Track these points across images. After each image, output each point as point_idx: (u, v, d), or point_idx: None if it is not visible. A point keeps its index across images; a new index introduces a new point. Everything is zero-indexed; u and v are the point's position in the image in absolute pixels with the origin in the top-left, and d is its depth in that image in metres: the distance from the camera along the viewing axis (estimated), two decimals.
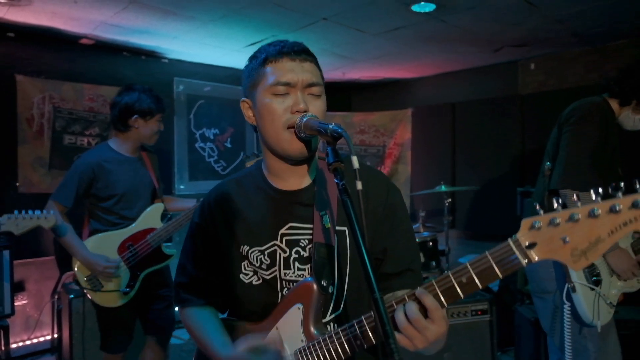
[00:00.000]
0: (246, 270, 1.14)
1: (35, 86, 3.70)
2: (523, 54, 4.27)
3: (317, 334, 1.03)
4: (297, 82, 1.03)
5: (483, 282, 0.82)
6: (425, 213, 3.65)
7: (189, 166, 4.57)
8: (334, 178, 0.91)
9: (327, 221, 1.08)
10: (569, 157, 2.01)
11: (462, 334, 2.70)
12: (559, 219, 0.75)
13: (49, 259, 3.66)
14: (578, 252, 0.73)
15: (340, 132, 0.91)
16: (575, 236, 0.74)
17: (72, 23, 3.44)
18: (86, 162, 2.32)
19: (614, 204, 0.70)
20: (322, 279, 1.05)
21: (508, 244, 0.80)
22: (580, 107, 2.09)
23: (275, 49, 1.06)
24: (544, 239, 0.76)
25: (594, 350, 1.97)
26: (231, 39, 3.83)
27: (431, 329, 0.84)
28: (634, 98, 2.06)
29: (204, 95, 4.66)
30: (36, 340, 3.59)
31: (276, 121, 1.03)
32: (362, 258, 0.83)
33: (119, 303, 2.32)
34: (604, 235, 0.72)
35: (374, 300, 0.79)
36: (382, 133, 5.33)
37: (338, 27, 3.47)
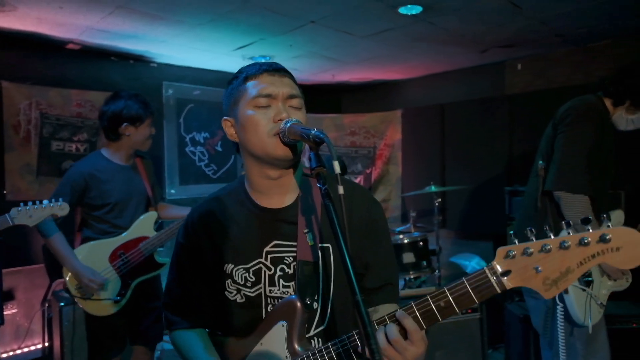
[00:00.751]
0: (230, 288, 1.15)
1: (22, 92, 3.66)
2: (510, 54, 4.32)
3: (301, 350, 1.05)
4: (278, 94, 1.07)
5: (460, 307, 0.86)
6: (415, 213, 3.69)
7: (179, 170, 4.55)
8: (317, 182, 0.93)
9: (311, 238, 1.10)
10: (565, 158, 1.98)
11: (453, 332, 2.73)
12: (532, 249, 0.79)
13: (38, 266, 3.62)
14: (549, 281, 0.78)
15: (322, 138, 0.92)
16: (547, 266, 0.78)
17: (58, 28, 3.42)
18: (78, 172, 2.31)
19: (583, 237, 0.76)
20: (306, 297, 1.08)
21: (484, 272, 0.84)
22: (577, 107, 2.06)
23: (254, 68, 1.11)
24: (518, 268, 0.81)
25: (582, 348, 1.98)
26: (220, 43, 3.82)
27: (410, 350, 0.87)
28: (629, 98, 2.04)
29: (194, 99, 4.65)
30: (27, 349, 3.54)
31: (260, 131, 1.06)
32: (344, 260, 0.85)
33: (110, 312, 2.30)
34: (573, 266, 0.77)
35: (355, 303, 0.82)
36: (373, 134, 5.36)
37: (326, 30, 3.49)
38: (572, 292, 1.90)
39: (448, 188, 4.08)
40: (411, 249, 3.25)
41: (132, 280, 2.36)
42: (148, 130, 2.40)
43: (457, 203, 4.71)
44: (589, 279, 1.94)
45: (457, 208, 4.73)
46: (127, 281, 2.35)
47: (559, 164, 1.99)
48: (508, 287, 0.81)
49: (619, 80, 2.05)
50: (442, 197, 4.54)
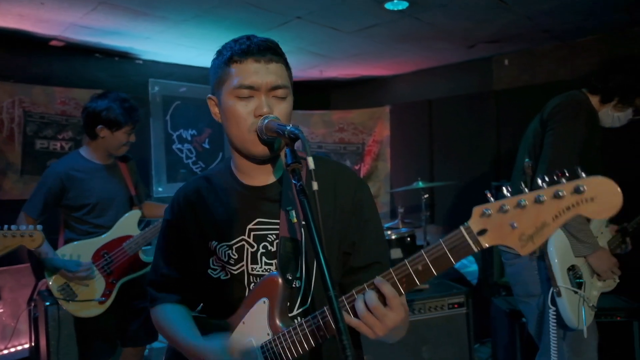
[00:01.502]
0: (214, 266, 1.15)
1: (4, 90, 3.60)
2: (497, 50, 4.34)
3: (282, 327, 1.05)
4: (260, 85, 1.03)
5: (438, 269, 0.86)
6: (404, 209, 3.69)
7: (166, 168, 4.52)
8: (292, 179, 0.93)
9: (293, 216, 1.09)
10: (555, 156, 1.95)
11: (439, 327, 2.75)
12: (507, 205, 0.78)
13: (24, 266, 3.58)
14: (525, 237, 0.77)
15: (297, 134, 0.93)
16: (523, 222, 0.77)
17: (41, 25, 3.37)
18: (54, 172, 2.27)
19: (558, 190, 0.74)
20: (288, 273, 1.07)
21: (460, 232, 0.83)
22: (567, 104, 2.02)
23: (240, 48, 1.04)
24: (494, 226, 0.80)
25: (567, 350, 1.96)
26: (205, 39, 3.79)
27: (390, 316, 0.88)
28: (617, 96, 2.01)
29: (180, 96, 4.61)
30: (13, 349, 3.51)
31: (241, 124, 1.05)
32: (317, 256, 0.85)
33: (95, 313, 2.28)
34: (549, 220, 0.75)
35: (328, 298, 0.82)
36: (361, 130, 5.36)
37: (312, 25, 3.47)
38: (565, 295, 1.86)
39: (436, 184, 4.10)
40: (399, 244, 3.26)
41: (117, 280, 2.33)
42: (125, 137, 2.33)
43: (444, 199, 4.73)
44: (580, 281, 1.92)
45: (444, 204, 4.75)
46: (111, 281, 2.32)
47: (549, 161, 1.95)
48: (485, 245, 0.80)
49: (607, 77, 2.01)
50: (430, 193, 4.56)
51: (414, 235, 3.37)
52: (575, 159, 1.92)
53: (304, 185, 0.91)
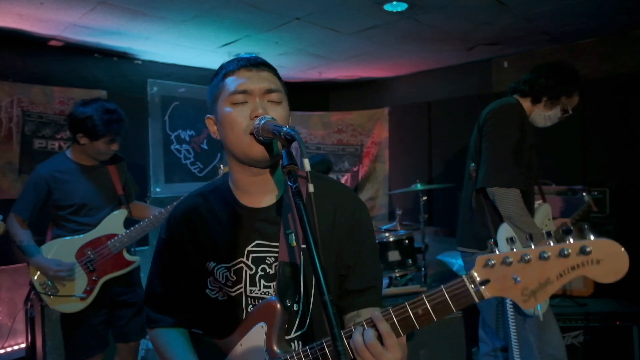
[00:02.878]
0: (212, 286, 1.15)
1: (3, 90, 3.59)
2: (496, 52, 4.34)
3: (280, 352, 1.04)
4: (254, 89, 1.05)
5: (438, 315, 0.85)
6: (402, 211, 3.69)
7: (164, 169, 4.51)
8: (288, 181, 0.92)
9: (292, 239, 1.08)
10: (493, 156, 2.12)
11: (437, 331, 2.74)
12: (511, 258, 0.77)
13: (20, 266, 3.56)
14: (528, 292, 0.76)
15: (293, 135, 0.92)
16: (527, 276, 0.76)
17: (40, 25, 3.36)
18: (39, 175, 2.31)
19: (563, 249, 0.73)
20: (287, 298, 1.07)
21: (462, 280, 0.83)
22: (499, 110, 2.21)
23: (233, 64, 1.09)
24: (496, 277, 0.79)
25: (534, 340, 2.04)
26: (204, 40, 3.79)
27: (386, 356, 0.85)
28: (544, 96, 2.20)
29: (179, 97, 4.60)
30: (10, 349, 3.50)
31: (236, 128, 1.05)
32: (312, 259, 0.84)
33: (75, 308, 2.30)
34: (553, 277, 0.75)
35: (323, 303, 0.81)
36: (360, 132, 5.35)
37: (312, 26, 3.47)
38: None
39: (434, 186, 4.09)
40: (397, 247, 3.25)
41: (100, 277, 2.36)
42: (104, 147, 2.33)
43: (443, 201, 4.72)
44: None
45: (443, 206, 4.74)
46: (94, 278, 2.34)
47: (488, 162, 2.12)
48: (486, 296, 0.80)
49: (534, 80, 2.22)
50: (429, 195, 4.55)
51: (412, 237, 3.36)
52: (510, 158, 2.07)
53: (299, 187, 0.90)
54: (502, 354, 2.31)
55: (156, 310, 1.23)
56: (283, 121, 1.07)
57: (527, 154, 2.16)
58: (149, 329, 1.25)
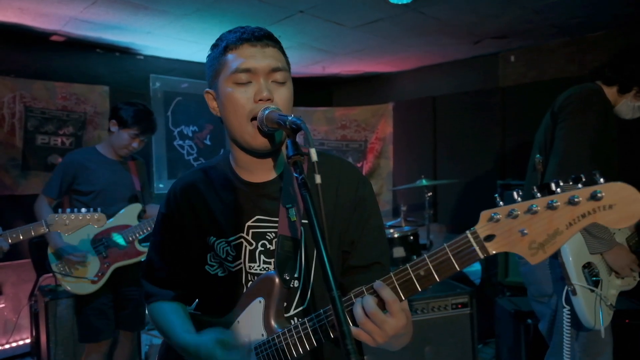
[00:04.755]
0: (212, 262, 1.12)
1: (5, 85, 3.59)
2: (503, 45, 4.27)
3: (277, 328, 1.01)
4: (258, 69, 0.99)
5: (441, 275, 0.80)
6: (406, 207, 3.64)
7: (167, 165, 4.50)
8: (293, 172, 0.88)
9: (293, 214, 1.05)
10: (568, 149, 1.84)
11: (443, 328, 2.70)
12: (517, 210, 0.72)
13: (25, 261, 3.59)
14: (536, 245, 0.72)
15: (299, 124, 0.88)
16: (534, 228, 0.71)
17: (41, 19, 3.34)
18: (70, 160, 2.54)
19: (573, 196, 0.68)
20: (285, 273, 1.03)
21: (466, 236, 0.78)
22: (579, 94, 1.92)
23: (235, 36, 1.02)
24: (502, 231, 0.74)
25: (579, 350, 1.88)
26: (207, 34, 3.75)
27: (390, 323, 0.82)
28: (635, 84, 1.92)
29: (181, 92, 4.58)
30: (15, 343, 3.53)
31: (239, 112, 1.00)
32: (319, 255, 0.80)
33: (87, 290, 2.45)
34: (562, 227, 0.70)
35: (331, 299, 0.78)
36: (364, 128, 5.30)
37: (315, 20, 3.42)
38: (581, 294, 1.76)
39: (439, 182, 4.04)
40: (402, 243, 3.21)
41: (111, 264, 2.51)
42: (127, 138, 2.53)
43: (448, 197, 4.68)
44: (597, 279, 1.80)
45: (448, 202, 4.69)
46: (106, 263, 2.49)
47: (562, 154, 1.84)
48: (491, 252, 0.75)
49: (622, 66, 1.93)
50: (434, 191, 4.51)
51: (417, 233, 3.32)
52: (588, 152, 1.81)
53: (305, 178, 0.86)
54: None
55: (155, 284, 1.21)
56: (287, 104, 1.03)
57: (607, 149, 1.89)
58: (147, 303, 1.22)
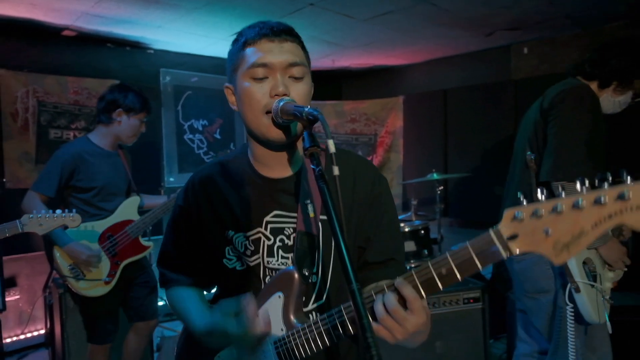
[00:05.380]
0: (230, 256, 1.12)
1: (18, 80, 3.62)
2: (516, 37, 4.20)
3: (296, 323, 1.02)
4: (275, 64, 0.99)
5: (462, 274, 0.80)
6: (417, 201, 3.63)
7: (178, 158, 4.52)
8: (311, 164, 0.88)
9: (310, 210, 1.06)
10: (563, 146, 1.85)
11: (454, 322, 2.69)
12: (542, 210, 0.71)
13: (39, 254, 3.64)
14: (560, 245, 0.71)
15: (315, 115, 0.87)
16: (558, 228, 0.71)
17: (53, 14, 3.36)
18: (68, 153, 2.36)
19: (599, 196, 0.67)
20: (304, 268, 1.05)
21: (489, 235, 0.77)
22: (570, 91, 1.92)
23: (254, 31, 1.02)
24: (526, 231, 0.73)
25: (580, 345, 1.90)
26: (217, 28, 3.75)
27: (410, 320, 0.83)
28: (616, 79, 1.94)
29: (192, 86, 4.59)
30: (30, 334, 3.59)
31: (255, 106, 1.00)
32: (338, 247, 0.80)
33: (100, 292, 2.37)
34: (587, 227, 0.69)
35: (351, 292, 0.77)
36: (374, 121, 5.27)
37: (326, 12, 3.40)
38: (584, 291, 1.77)
39: (450, 175, 4.01)
40: (412, 237, 3.20)
41: (121, 262, 2.44)
42: (138, 123, 2.47)
43: (459, 191, 4.64)
44: (594, 274, 1.84)
45: (459, 196, 4.66)
46: (116, 262, 2.42)
47: (557, 153, 1.86)
48: (515, 252, 0.74)
49: (602, 61, 1.93)
50: (444, 185, 4.48)
51: (428, 227, 3.30)
52: (583, 150, 1.82)
53: (323, 170, 0.86)
54: (541, 356, 2.16)
55: (172, 270, 1.23)
56: (304, 99, 1.02)
57: (598, 145, 1.89)
58: (165, 288, 1.25)
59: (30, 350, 3.53)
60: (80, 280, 2.33)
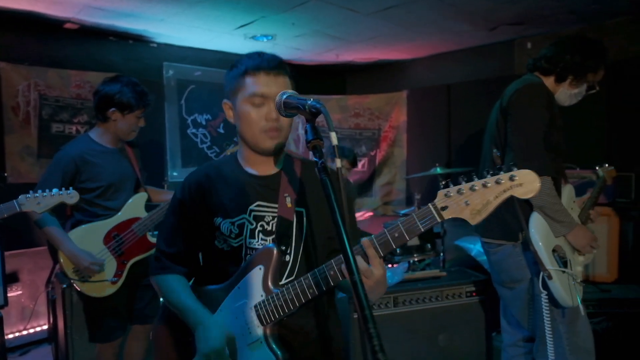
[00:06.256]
0: (219, 239, 1.32)
1: (20, 73, 3.61)
2: (520, 32, 4.19)
3: (274, 289, 1.22)
4: (271, 95, 1.21)
5: (409, 235, 1.07)
6: (420, 196, 3.62)
7: (181, 153, 4.51)
8: (313, 156, 0.96)
9: (288, 202, 1.31)
10: (521, 142, 1.98)
11: (456, 315, 2.70)
12: (464, 189, 1.03)
13: (41, 249, 3.62)
14: (475, 211, 1.03)
15: (318, 108, 0.95)
16: (474, 200, 1.03)
17: (55, 7, 3.34)
18: (68, 155, 2.29)
19: (499, 178, 1.01)
20: (282, 246, 1.28)
21: (428, 207, 1.05)
22: (525, 90, 2.04)
23: (253, 63, 1.25)
24: (453, 203, 1.04)
25: (564, 330, 1.98)
26: (220, 21, 3.73)
27: (374, 272, 1.06)
28: (571, 74, 2.06)
29: (195, 80, 4.57)
30: (32, 330, 3.58)
31: (254, 127, 1.25)
32: (340, 239, 0.88)
33: (107, 293, 2.32)
34: (491, 198, 1.02)
35: (353, 283, 0.83)
36: (377, 116, 5.26)
37: (329, 6, 3.38)
38: (556, 277, 1.88)
39: (453, 170, 4.00)
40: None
41: (128, 261, 2.38)
42: (135, 121, 2.37)
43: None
44: (564, 260, 1.96)
45: None
46: (123, 262, 2.36)
47: (516, 149, 1.99)
48: (445, 217, 1.03)
49: (557, 57, 2.06)
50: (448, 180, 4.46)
51: None
52: (540, 144, 1.94)
53: (325, 163, 0.95)
54: (525, 344, 2.24)
55: (163, 257, 1.38)
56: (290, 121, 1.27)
57: (556, 137, 2.02)
58: (154, 275, 1.39)
59: (33, 345, 3.52)
60: (86, 282, 2.28)
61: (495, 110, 2.20)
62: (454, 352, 2.65)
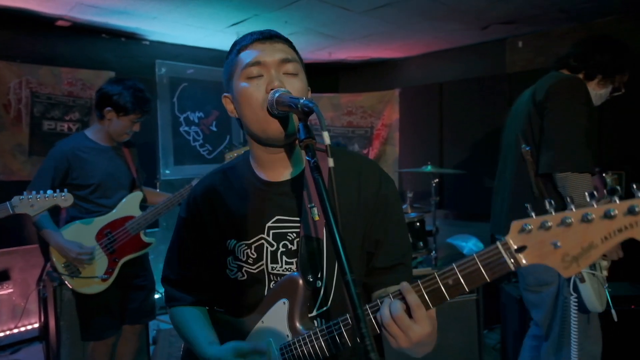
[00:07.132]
0: (231, 266, 1.12)
1: (11, 70, 3.58)
2: (511, 31, 4.22)
3: (302, 329, 1.02)
4: (268, 61, 1.02)
5: (470, 285, 0.80)
6: (413, 194, 3.64)
7: (174, 151, 4.50)
8: (305, 155, 0.87)
9: (315, 214, 1.02)
10: (565, 137, 1.89)
11: (448, 313, 2.72)
12: (550, 222, 0.72)
13: (33, 247, 3.61)
14: (569, 258, 0.71)
15: (311, 107, 0.86)
16: (567, 241, 0.71)
17: (47, 4, 3.32)
18: (61, 152, 2.31)
19: (609, 209, 0.66)
20: (309, 274, 1.04)
21: (497, 247, 0.77)
22: (566, 84, 1.97)
23: (246, 38, 1.06)
24: (534, 243, 0.74)
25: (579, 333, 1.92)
26: (213, 19, 3.72)
27: (414, 329, 0.82)
28: (599, 73, 2.00)
29: (187, 78, 4.56)
30: (24, 328, 3.56)
31: (253, 103, 1.01)
32: (333, 237, 0.79)
33: (96, 290, 2.32)
34: (597, 241, 0.68)
35: (345, 283, 0.76)
36: (370, 114, 5.28)
37: (322, 4, 3.39)
38: (588, 280, 1.81)
39: (445, 170, 4.03)
40: (408, 229, 3.22)
41: (119, 259, 2.37)
42: (129, 124, 2.37)
43: (454, 184, 4.67)
44: (594, 263, 1.84)
45: (454, 189, 4.69)
46: (114, 259, 2.36)
47: (559, 144, 1.89)
48: (523, 264, 0.75)
49: (587, 56, 2.00)
50: (440, 178, 4.49)
51: (423, 220, 3.32)
52: (583, 141, 1.86)
53: (318, 161, 0.86)
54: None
55: (175, 288, 1.21)
56: (300, 94, 1.01)
57: (594, 135, 1.95)
58: (169, 307, 1.23)
59: (24, 344, 3.50)
60: (76, 278, 2.28)
61: (525, 104, 2.10)
62: (446, 349, 2.66)
